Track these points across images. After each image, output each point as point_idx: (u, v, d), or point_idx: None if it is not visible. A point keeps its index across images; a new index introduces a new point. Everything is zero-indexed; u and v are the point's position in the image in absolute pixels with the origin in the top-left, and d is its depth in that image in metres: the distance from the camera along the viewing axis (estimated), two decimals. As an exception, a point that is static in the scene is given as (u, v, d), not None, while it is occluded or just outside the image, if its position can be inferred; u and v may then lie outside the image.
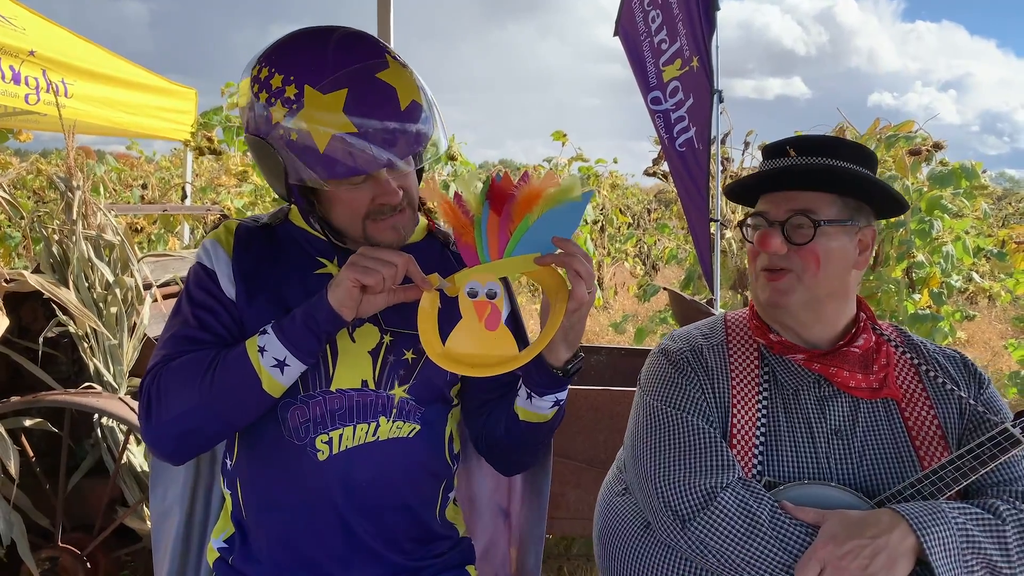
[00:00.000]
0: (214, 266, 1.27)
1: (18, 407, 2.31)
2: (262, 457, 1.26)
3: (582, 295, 1.12)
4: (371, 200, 1.19)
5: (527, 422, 1.27)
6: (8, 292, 2.38)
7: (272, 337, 1.14)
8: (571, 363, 1.21)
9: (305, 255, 1.30)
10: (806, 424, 1.29)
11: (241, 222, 1.34)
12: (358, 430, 1.24)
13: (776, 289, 1.29)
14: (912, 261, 4.61)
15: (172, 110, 4.99)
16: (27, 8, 4.22)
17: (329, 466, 1.23)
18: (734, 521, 1.19)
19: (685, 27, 3.58)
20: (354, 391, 1.24)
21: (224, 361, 1.16)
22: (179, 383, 1.16)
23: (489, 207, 1.13)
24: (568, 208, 1.10)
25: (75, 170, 2.49)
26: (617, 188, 10.28)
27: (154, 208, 4.00)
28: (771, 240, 1.27)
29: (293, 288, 1.25)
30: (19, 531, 2.21)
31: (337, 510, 1.24)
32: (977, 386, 1.34)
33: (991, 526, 1.17)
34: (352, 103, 1.11)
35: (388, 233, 1.22)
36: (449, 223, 1.16)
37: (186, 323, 1.23)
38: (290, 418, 1.23)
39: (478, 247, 1.14)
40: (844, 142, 1.31)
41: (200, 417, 1.16)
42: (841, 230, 1.28)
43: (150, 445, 1.20)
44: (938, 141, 4.74)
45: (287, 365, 1.14)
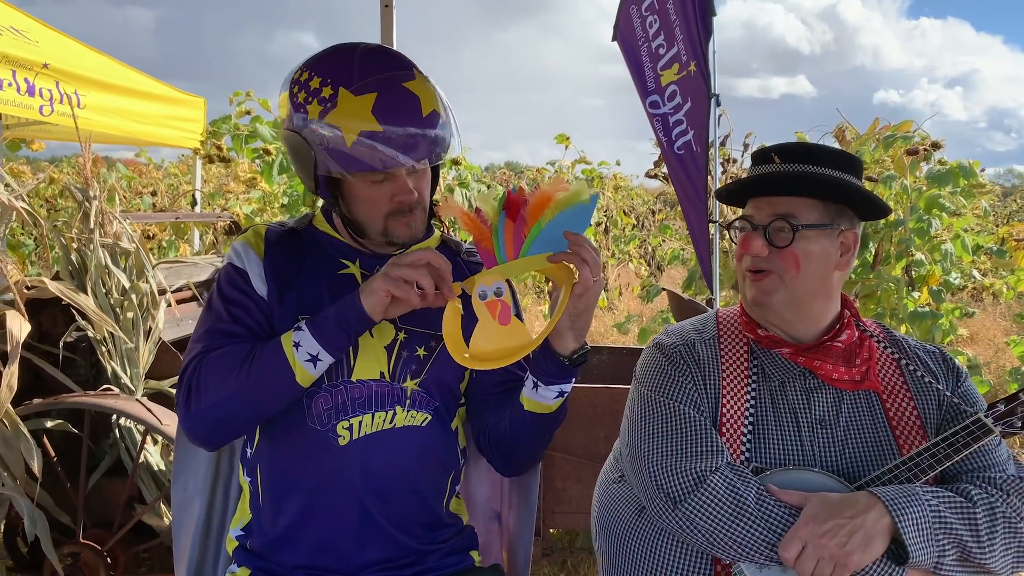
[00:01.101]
0: (246, 266, 1.37)
1: (40, 409, 2.40)
2: (285, 442, 1.34)
3: (587, 279, 1.20)
4: (391, 198, 1.31)
5: (531, 412, 1.34)
6: (29, 298, 2.47)
7: (307, 334, 1.24)
8: (577, 353, 1.29)
9: (328, 257, 1.40)
10: (792, 414, 1.36)
11: (269, 226, 1.44)
12: (376, 417, 1.33)
13: (760, 289, 1.37)
14: (911, 259, 4.67)
15: (181, 119, 5.09)
16: (39, 21, 4.33)
17: (349, 450, 1.32)
18: (722, 502, 1.26)
19: (682, 32, 3.65)
20: (372, 382, 1.34)
21: (260, 354, 1.25)
22: (218, 374, 1.25)
23: (505, 215, 1.23)
24: (577, 210, 1.20)
25: (91, 180, 2.58)
26: (621, 190, 10.34)
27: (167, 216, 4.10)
28: (752, 243, 1.35)
29: (319, 287, 1.35)
30: (43, 528, 2.29)
31: (355, 492, 1.32)
32: (955, 380, 1.42)
33: (963, 509, 1.24)
34: (379, 106, 1.24)
35: (404, 230, 1.35)
36: (469, 232, 1.25)
37: (220, 318, 1.33)
38: (314, 405, 1.32)
39: (495, 250, 1.23)
40: (826, 149, 1.38)
41: (236, 405, 1.25)
42: (821, 233, 1.35)
43: (187, 431, 1.29)
44: (936, 140, 4.79)
45: (319, 360, 1.24)
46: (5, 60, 3.62)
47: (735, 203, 1.51)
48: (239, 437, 1.40)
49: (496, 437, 1.42)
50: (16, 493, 2.28)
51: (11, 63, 3.66)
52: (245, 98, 4.86)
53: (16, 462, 2.31)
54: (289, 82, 1.31)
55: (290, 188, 4.80)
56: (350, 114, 1.23)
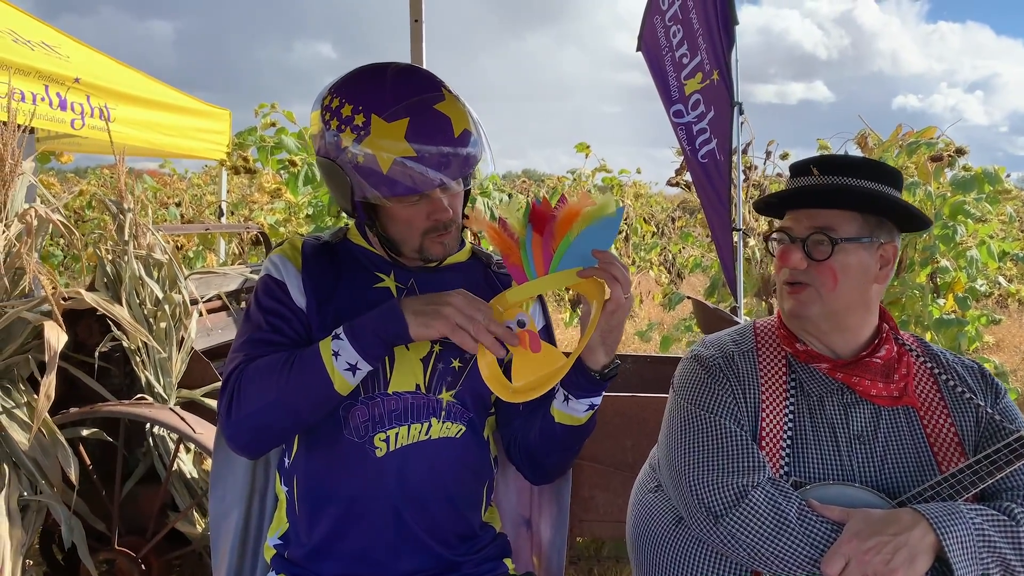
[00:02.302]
0: (284, 279, 1.38)
1: (76, 418, 2.44)
2: (322, 454, 1.36)
3: (619, 296, 1.21)
4: (426, 217, 1.33)
5: (562, 424, 1.35)
6: (65, 309, 2.51)
7: (346, 343, 1.24)
8: (608, 368, 1.29)
9: (364, 270, 1.42)
10: (830, 429, 1.36)
11: (306, 240, 1.46)
12: (412, 429, 1.35)
13: (797, 301, 1.37)
14: (936, 266, 4.64)
15: (208, 131, 5.15)
16: (70, 36, 4.40)
17: (386, 462, 1.33)
18: (764, 518, 1.26)
19: (705, 41, 3.66)
20: (408, 394, 1.35)
21: (299, 363, 1.26)
22: (258, 382, 1.27)
23: (532, 229, 1.22)
24: (604, 223, 1.20)
25: (125, 193, 2.62)
26: (641, 197, 10.34)
27: (197, 228, 4.16)
28: (791, 256, 1.36)
29: (356, 301, 1.36)
30: (79, 535, 2.32)
31: (391, 503, 1.34)
32: (994, 396, 1.41)
33: (1006, 527, 1.23)
34: (412, 131, 1.25)
35: (438, 248, 1.37)
36: (496, 246, 1.25)
37: (260, 328, 1.35)
38: (351, 417, 1.34)
39: (524, 266, 1.23)
40: (866, 161, 1.38)
41: (275, 413, 1.26)
42: (860, 247, 1.35)
43: (228, 439, 1.31)
44: (960, 146, 4.77)
45: (358, 369, 1.25)
46: (38, 75, 3.69)
47: (772, 214, 1.51)
48: (279, 445, 1.41)
49: (526, 447, 1.44)
50: (53, 500, 2.32)
51: (43, 78, 3.72)
52: (270, 110, 4.91)
53: (53, 470, 2.35)
54: (320, 105, 1.33)
55: (315, 199, 4.85)
56: (384, 141, 1.25)
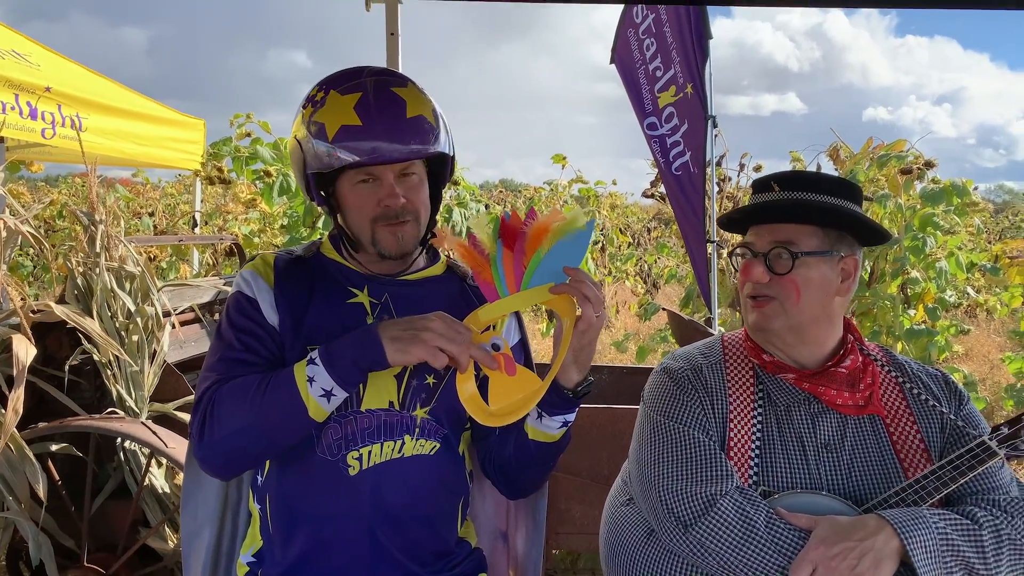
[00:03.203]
0: (256, 295, 1.36)
1: (45, 432, 2.41)
2: (295, 472, 1.34)
3: (590, 316, 1.21)
4: (377, 202, 1.33)
5: (536, 441, 1.35)
6: (35, 322, 2.48)
7: (320, 369, 1.21)
8: (581, 385, 1.29)
9: (337, 285, 1.40)
10: (798, 438, 1.38)
11: (278, 255, 1.44)
12: (385, 447, 1.33)
13: (761, 315, 1.39)
14: (907, 277, 4.71)
15: (181, 140, 5.10)
16: (41, 45, 4.36)
17: (359, 480, 1.32)
18: (733, 526, 1.28)
19: (679, 55, 3.70)
20: (382, 411, 1.34)
21: (273, 387, 1.24)
22: (230, 405, 1.25)
23: (502, 244, 1.22)
24: (575, 238, 1.20)
25: (97, 204, 2.60)
26: (617, 208, 10.40)
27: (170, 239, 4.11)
28: (753, 270, 1.38)
29: (329, 318, 1.35)
30: (47, 552, 2.29)
31: (366, 522, 1.32)
32: (957, 403, 1.44)
33: (969, 531, 1.26)
34: (362, 102, 1.28)
35: (390, 240, 1.35)
36: (467, 264, 1.25)
37: (232, 347, 1.33)
38: (324, 436, 1.32)
39: (496, 283, 1.23)
40: (825, 177, 1.42)
41: (248, 437, 1.24)
42: (821, 260, 1.37)
43: (201, 462, 1.29)
44: (929, 159, 4.85)
45: (333, 395, 1.23)
46: (8, 84, 3.64)
47: (736, 230, 1.54)
48: (253, 468, 1.40)
49: (501, 463, 1.43)
50: (21, 517, 2.29)
51: (14, 87, 3.68)
52: (246, 120, 4.88)
53: (21, 486, 2.31)
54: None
55: (290, 209, 4.82)
56: (334, 111, 1.28)
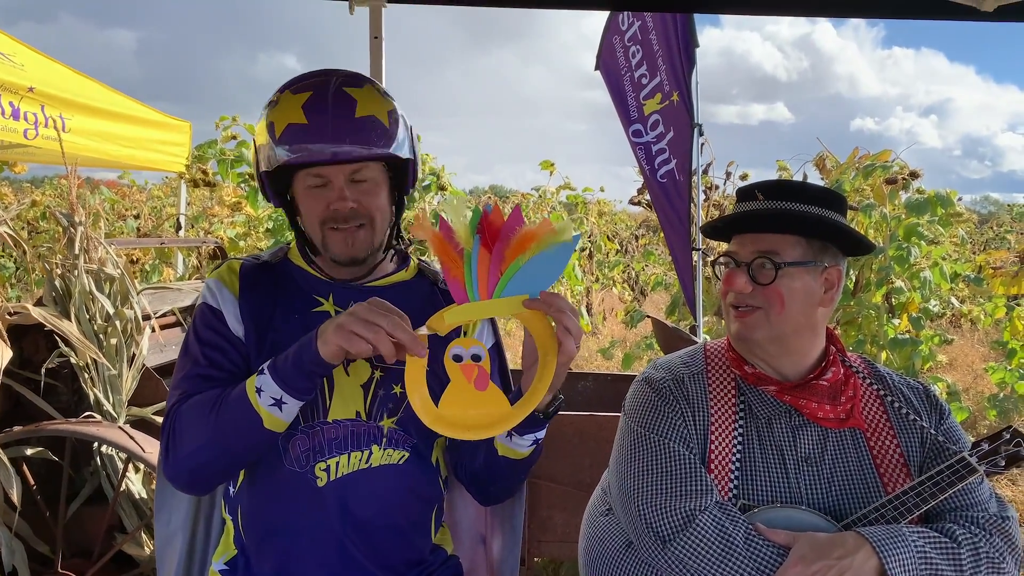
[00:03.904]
0: (221, 306, 1.35)
1: (20, 436, 2.37)
2: (264, 484, 1.33)
3: (571, 350, 1.15)
4: (326, 206, 1.31)
5: (505, 457, 1.33)
6: (11, 324, 2.44)
7: (268, 378, 1.20)
8: (551, 405, 1.27)
9: (303, 293, 1.39)
10: (778, 452, 1.37)
11: (244, 261, 1.42)
12: (352, 457, 1.32)
13: (744, 324, 1.38)
14: (891, 287, 4.73)
15: (167, 143, 5.07)
16: (26, 45, 4.32)
17: (327, 491, 1.31)
18: (711, 542, 1.27)
19: (665, 63, 3.71)
20: (349, 421, 1.32)
21: (226, 402, 1.23)
22: (191, 423, 1.24)
23: (479, 242, 1.12)
24: (558, 250, 1.12)
25: (77, 206, 2.57)
26: (605, 215, 10.41)
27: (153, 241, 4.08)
28: (736, 280, 1.37)
29: (294, 327, 1.32)
30: (20, 558, 2.25)
31: (335, 532, 1.31)
32: (938, 417, 1.43)
33: (948, 549, 1.26)
34: (310, 101, 1.27)
35: (339, 245, 1.33)
36: (438, 256, 1.16)
37: (197, 363, 1.32)
38: (292, 448, 1.31)
39: (467, 284, 1.13)
40: (809, 187, 1.40)
41: (210, 454, 1.24)
42: (804, 271, 1.36)
43: (170, 480, 1.28)
44: (914, 170, 4.88)
45: (284, 403, 1.20)
46: (-10, 83, 3.61)
47: (720, 238, 1.53)
48: (223, 482, 1.38)
49: (472, 473, 1.42)
50: (-6, 523, 2.25)
51: (-4, 86, 3.65)
52: (231, 123, 4.86)
53: (-6, 491, 2.27)
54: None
55: (275, 213, 4.80)
56: (283, 109, 1.27)
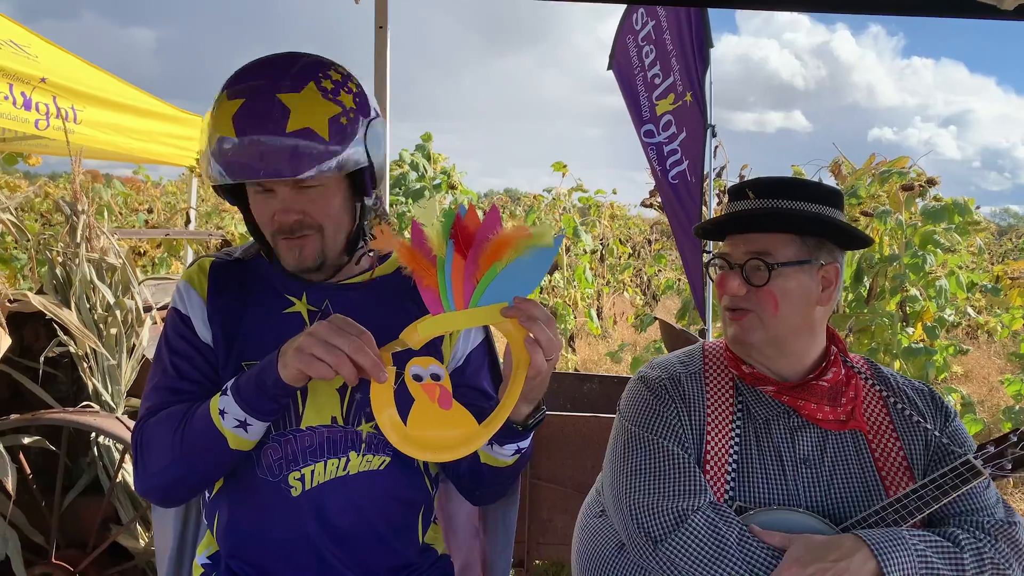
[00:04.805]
0: (188, 311, 1.30)
1: (17, 425, 2.35)
2: (238, 493, 1.29)
3: (540, 363, 1.08)
4: (271, 217, 1.23)
5: (488, 465, 1.29)
6: (12, 312, 2.43)
7: (230, 399, 1.15)
8: (532, 417, 1.21)
9: (275, 292, 1.32)
10: (776, 453, 1.33)
11: (215, 259, 1.37)
12: (329, 465, 1.27)
13: (740, 327, 1.34)
14: (906, 295, 4.66)
15: (179, 136, 5.07)
16: (41, 37, 4.33)
17: (303, 501, 1.26)
18: (703, 543, 1.23)
19: (678, 63, 3.66)
20: (324, 427, 1.27)
21: (191, 422, 1.19)
22: (156, 440, 1.21)
23: (453, 248, 1.06)
24: (537, 255, 1.06)
25: (80, 194, 2.56)
26: (618, 219, 10.36)
27: (157, 233, 4.07)
28: (729, 283, 1.33)
29: (264, 331, 1.28)
30: (14, 547, 2.24)
31: (311, 543, 1.27)
32: (943, 419, 1.39)
33: (950, 554, 1.21)
34: (240, 112, 1.15)
35: (289, 256, 1.25)
36: (409, 267, 1.09)
37: (166, 372, 1.28)
38: (264, 456, 1.27)
39: (441, 293, 1.07)
40: (802, 182, 1.37)
41: (178, 472, 1.21)
42: (799, 270, 1.32)
43: (142, 495, 1.26)
44: (932, 177, 4.81)
45: (249, 424, 1.16)
46: (2, 73, 3.62)
47: (715, 238, 1.49)
48: (195, 496, 1.36)
49: (457, 477, 1.38)
50: (-12, 511, 2.24)
51: (8, 76, 3.65)
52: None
53: (-10, 479, 2.26)
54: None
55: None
56: (216, 118, 1.18)
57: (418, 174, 5.43)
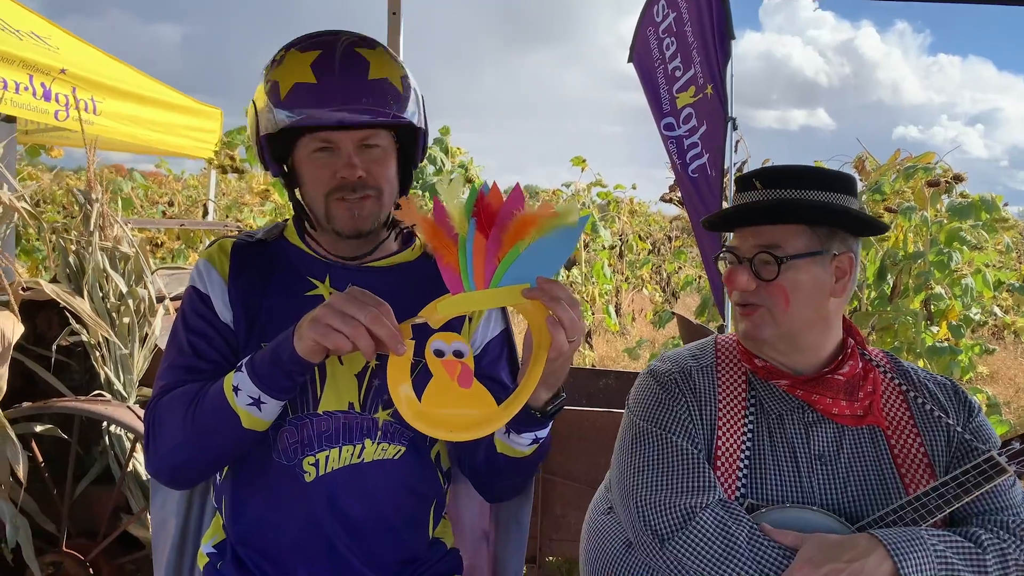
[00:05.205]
0: (208, 290, 1.28)
1: (29, 412, 2.36)
2: (250, 476, 1.28)
3: (562, 344, 1.04)
4: (333, 174, 1.22)
5: (504, 455, 1.26)
6: (26, 300, 2.44)
7: (244, 376, 1.13)
8: (551, 404, 1.17)
9: (297, 275, 1.31)
10: (790, 449, 1.29)
11: (237, 240, 1.35)
12: (343, 452, 1.25)
13: (751, 323, 1.30)
14: (930, 293, 4.56)
15: (198, 129, 5.10)
16: (62, 28, 4.36)
17: (315, 487, 1.25)
18: (712, 542, 1.19)
19: (699, 55, 3.61)
20: (340, 413, 1.26)
21: (204, 400, 1.16)
22: (169, 419, 1.19)
23: (475, 226, 1.01)
24: (562, 234, 1.02)
25: (94, 183, 2.56)
26: (638, 215, 10.28)
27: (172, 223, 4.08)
28: (738, 278, 1.28)
29: (285, 313, 1.25)
30: (24, 535, 2.24)
31: (322, 530, 1.25)
32: (966, 414, 1.33)
33: (971, 555, 1.16)
34: (320, 60, 1.18)
35: (344, 216, 1.24)
36: (430, 243, 1.05)
37: (182, 351, 1.26)
38: (280, 439, 1.25)
39: (462, 273, 1.03)
40: (810, 170, 1.30)
41: (190, 452, 1.18)
42: (811, 262, 1.27)
43: (152, 475, 1.24)
44: (958, 173, 4.71)
45: (263, 403, 1.14)
46: (23, 64, 3.64)
47: (724, 230, 1.44)
48: (207, 478, 1.34)
49: (473, 469, 1.34)
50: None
51: (29, 67, 3.67)
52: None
53: (1, 466, 2.26)
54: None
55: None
56: (290, 68, 1.18)
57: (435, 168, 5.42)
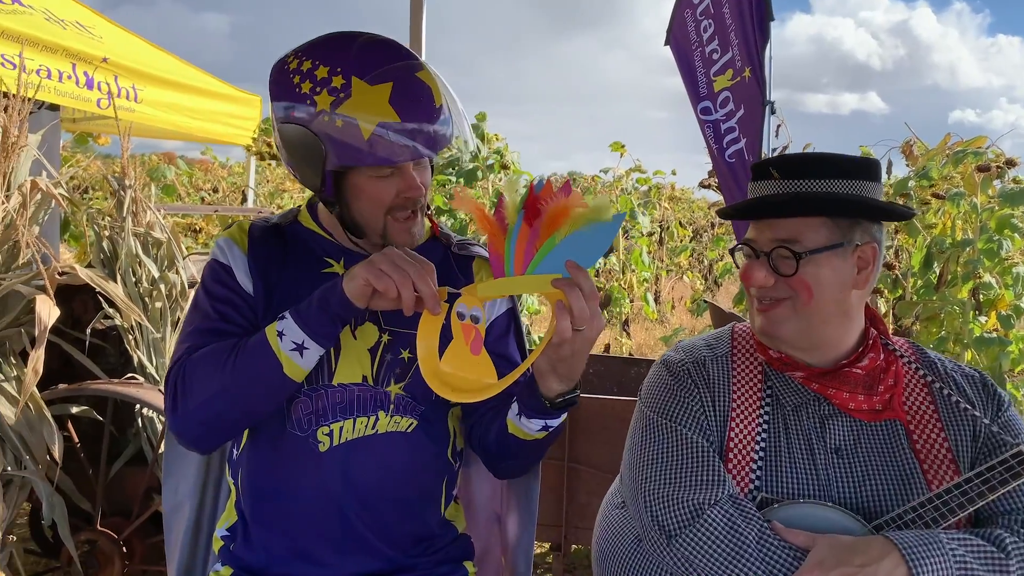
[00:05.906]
0: (230, 262, 1.32)
1: (64, 394, 2.42)
2: (266, 447, 1.30)
3: (564, 329, 1.05)
4: (396, 193, 1.25)
5: (515, 436, 1.26)
6: (62, 284, 2.50)
7: (290, 321, 1.18)
8: (563, 397, 1.17)
9: (312, 255, 1.35)
10: (806, 442, 1.24)
11: (254, 222, 1.39)
12: (358, 423, 1.28)
13: (768, 319, 1.25)
14: (979, 282, 4.41)
15: (237, 116, 5.17)
16: (106, 18, 4.45)
17: (329, 457, 1.27)
18: (720, 539, 1.16)
19: (737, 37, 3.53)
20: (355, 385, 1.28)
21: (246, 347, 1.20)
22: (203, 371, 1.20)
23: (523, 218, 1.07)
24: (598, 230, 1.05)
25: (128, 169, 2.60)
26: (680, 201, 10.14)
27: (205, 209, 4.15)
28: (755, 274, 1.23)
29: (303, 286, 1.28)
30: (60, 513, 2.30)
31: (335, 500, 1.27)
32: (995, 408, 1.27)
33: (993, 560, 1.11)
34: (396, 96, 1.19)
35: (402, 233, 1.29)
36: (484, 231, 1.12)
37: (207, 317, 1.28)
38: (295, 410, 1.27)
39: (506, 259, 1.10)
40: (831, 157, 1.24)
41: (224, 403, 1.20)
42: (832, 255, 1.21)
43: (176, 434, 1.25)
44: (1011, 158, 4.53)
45: (306, 348, 1.18)
46: (66, 53, 3.72)
47: (740, 220, 1.39)
48: (231, 438, 1.35)
49: (484, 446, 1.36)
50: (36, 477, 2.30)
51: (72, 56, 3.76)
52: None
53: (39, 446, 2.33)
54: (283, 69, 1.24)
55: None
56: (367, 104, 1.18)
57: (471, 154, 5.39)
